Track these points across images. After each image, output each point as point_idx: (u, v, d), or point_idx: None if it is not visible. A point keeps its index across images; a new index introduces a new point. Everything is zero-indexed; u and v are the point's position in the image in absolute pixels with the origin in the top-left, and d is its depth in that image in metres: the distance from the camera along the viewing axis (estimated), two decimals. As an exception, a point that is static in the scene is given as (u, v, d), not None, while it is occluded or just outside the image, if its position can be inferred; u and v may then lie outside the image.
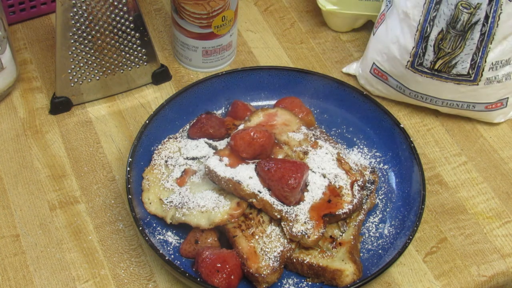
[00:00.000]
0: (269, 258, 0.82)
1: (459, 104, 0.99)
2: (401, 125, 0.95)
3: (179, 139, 0.94)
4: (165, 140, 0.94)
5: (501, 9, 0.89)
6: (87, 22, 0.94)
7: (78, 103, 1.02)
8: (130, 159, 0.89)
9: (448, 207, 0.94)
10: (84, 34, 0.95)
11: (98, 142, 0.99)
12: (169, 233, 0.88)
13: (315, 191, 0.85)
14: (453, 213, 0.93)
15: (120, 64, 1.00)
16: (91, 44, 0.96)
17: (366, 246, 0.88)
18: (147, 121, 0.93)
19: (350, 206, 0.85)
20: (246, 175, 0.84)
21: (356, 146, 0.97)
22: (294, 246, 0.84)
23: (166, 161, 0.91)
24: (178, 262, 0.85)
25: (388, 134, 0.96)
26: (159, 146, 0.94)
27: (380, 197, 0.93)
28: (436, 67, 0.95)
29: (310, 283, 0.85)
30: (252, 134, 0.85)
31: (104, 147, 0.98)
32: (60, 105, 1.01)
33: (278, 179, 0.83)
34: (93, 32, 0.95)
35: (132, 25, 0.97)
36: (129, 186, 0.87)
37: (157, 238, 0.87)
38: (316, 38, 1.13)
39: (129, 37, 0.98)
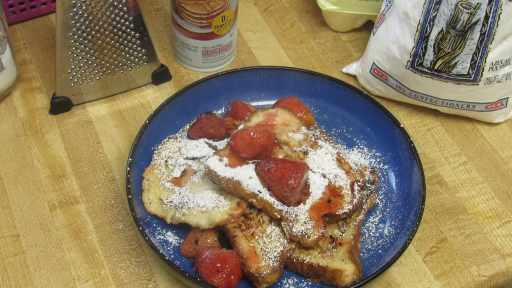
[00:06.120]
0: (269, 258, 0.82)
1: (459, 104, 0.99)
2: (401, 125, 0.95)
3: (179, 139, 0.94)
4: (165, 140, 0.94)
5: (501, 9, 0.89)
6: (87, 22, 0.94)
7: (78, 103, 1.02)
8: (130, 159, 0.89)
9: (448, 207, 0.94)
10: (84, 34, 0.95)
11: (98, 142, 0.99)
12: (169, 233, 0.88)
13: (315, 191, 0.85)
14: (453, 213, 0.93)
15: (120, 64, 1.00)
16: (91, 44, 0.96)
17: (366, 246, 0.88)
18: (147, 121, 0.93)
19: (350, 206, 0.85)
20: (246, 175, 0.84)
21: (356, 146, 0.97)
22: (294, 246, 0.84)
23: (166, 161, 0.91)
24: (178, 262, 0.85)
25: (388, 134, 0.96)
26: (159, 146, 0.94)
27: (380, 197, 0.93)
28: (436, 67, 0.95)
29: (310, 283, 0.85)
30: (252, 134, 0.85)
31: (104, 147, 0.98)
32: (60, 105, 1.01)
33: (278, 179, 0.83)
34: (93, 32, 0.95)
35: (132, 25, 0.97)
36: (129, 186, 0.87)
37: (157, 238, 0.87)
38: (316, 38, 1.13)
39: (129, 37, 0.98)
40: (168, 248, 0.87)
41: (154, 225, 0.88)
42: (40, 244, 0.88)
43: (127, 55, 1.00)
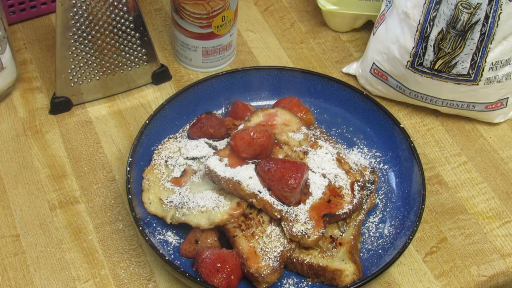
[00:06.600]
0: (269, 258, 0.82)
1: (459, 104, 0.99)
2: (401, 125, 0.95)
3: (179, 139, 0.94)
4: (165, 140, 0.94)
5: (501, 9, 0.89)
6: (87, 22, 0.94)
7: (78, 103, 1.02)
8: (130, 159, 0.89)
9: (448, 207, 0.94)
10: (84, 34, 0.95)
11: (98, 142, 0.99)
12: (169, 233, 0.88)
13: (315, 191, 0.85)
14: (453, 213, 0.93)
15: (120, 64, 1.00)
16: (91, 44, 0.96)
17: (366, 246, 0.88)
18: (147, 121, 0.93)
19: (350, 206, 0.85)
20: (246, 175, 0.84)
21: (356, 146, 0.97)
22: (294, 246, 0.84)
23: (166, 161, 0.91)
24: (178, 262, 0.85)
25: (388, 134, 0.96)
26: (159, 146, 0.94)
27: (380, 197, 0.93)
28: (436, 67, 0.95)
29: (310, 283, 0.85)
30: (252, 134, 0.85)
31: (104, 147, 0.98)
32: (60, 105, 1.01)
33: (278, 179, 0.83)
34: (93, 32, 0.95)
35: (132, 25, 0.97)
36: (129, 186, 0.87)
37: (157, 238, 0.87)
38: (316, 38, 1.13)
39: (129, 37, 0.98)
40: (168, 248, 0.87)
41: (154, 225, 0.88)
42: (40, 244, 0.88)
43: (127, 55, 1.00)
